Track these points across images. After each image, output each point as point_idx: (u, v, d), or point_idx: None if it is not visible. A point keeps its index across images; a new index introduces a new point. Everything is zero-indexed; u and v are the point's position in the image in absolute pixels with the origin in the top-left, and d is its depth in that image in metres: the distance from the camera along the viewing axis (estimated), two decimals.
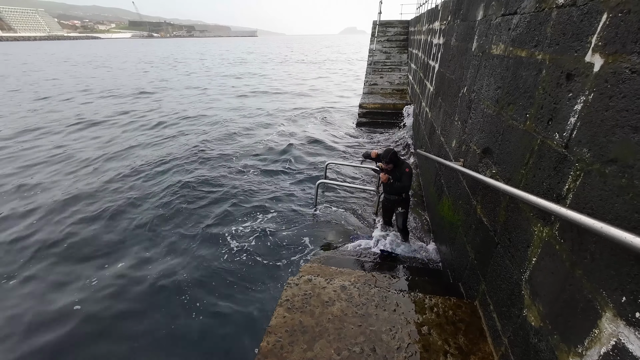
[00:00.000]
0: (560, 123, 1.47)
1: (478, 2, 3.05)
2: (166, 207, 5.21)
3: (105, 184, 6.10)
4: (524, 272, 1.66)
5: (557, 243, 1.40)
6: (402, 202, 3.77)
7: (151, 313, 3.25)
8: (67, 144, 8.78)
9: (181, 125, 10.56)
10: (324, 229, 4.54)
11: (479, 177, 2.12)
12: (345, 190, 5.61)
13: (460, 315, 2.20)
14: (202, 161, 7.29)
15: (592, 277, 1.16)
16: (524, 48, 1.95)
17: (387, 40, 13.03)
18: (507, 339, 1.78)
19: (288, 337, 2.00)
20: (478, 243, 2.40)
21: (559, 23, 1.58)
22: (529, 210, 1.68)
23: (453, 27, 4.20)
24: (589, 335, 1.14)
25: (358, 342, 1.98)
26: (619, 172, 1.09)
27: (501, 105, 2.22)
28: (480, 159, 2.54)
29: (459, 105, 3.45)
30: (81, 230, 4.68)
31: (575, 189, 1.32)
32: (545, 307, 1.45)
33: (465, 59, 3.34)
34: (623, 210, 1.06)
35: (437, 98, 4.94)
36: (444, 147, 3.94)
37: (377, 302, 2.29)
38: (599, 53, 1.25)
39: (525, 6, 1.99)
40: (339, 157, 7.54)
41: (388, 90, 11.41)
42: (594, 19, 1.30)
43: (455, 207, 3.16)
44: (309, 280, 2.48)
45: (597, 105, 1.24)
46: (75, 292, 3.55)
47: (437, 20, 5.68)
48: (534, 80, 1.79)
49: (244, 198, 5.53)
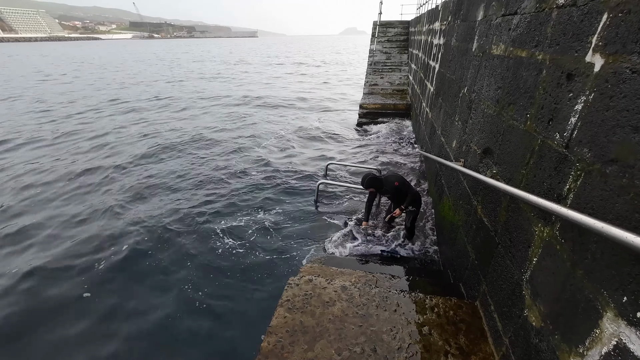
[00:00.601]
0: (561, 123, 1.47)
1: (478, 3, 3.05)
2: (164, 204, 5.23)
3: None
4: (525, 272, 1.66)
5: (557, 243, 1.40)
6: (413, 202, 3.76)
7: (150, 313, 3.26)
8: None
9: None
10: (325, 229, 4.53)
11: (480, 177, 2.12)
12: (345, 191, 5.61)
13: (461, 315, 2.20)
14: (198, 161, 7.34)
15: (593, 277, 1.16)
16: (525, 48, 1.95)
17: (388, 40, 13.04)
18: (508, 339, 1.78)
19: (289, 338, 2.00)
20: (479, 243, 2.40)
21: (559, 23, 1.58)
22: (529, 211, 1.68)
23: (453, 27, 4.21)
24: (590, 336, 1.14)
25: (359, 342, 1.98)
26: (620, 172, 1.09)
27: (501, 105, 2.22)
28: (481, 159, 2.54)
29: (459, 105, 3.45)
30: (72, 229, 4.70)
31: (576, 189, 1.32)
32: (546, 307, 1.44)
33: (466, 59, 3.34)
34: (624, 210, 1.06)
35: (438, 98, 4.94)
36: (445, 148, 3.94)
37: (377, 303, 2.28)
38: (599, 53, 1.25)
39: (525, 6, 1.99)
40: (340, 158, 7.54)
41: (388, 91, 11.39)
42: (594, 19, 1.30)
43: (456, 207, 3.15)
44: (310, 280, 2.48)
45: (597, 105, 1.24)
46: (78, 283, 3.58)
47: (438, 21, 5.68)
48: (534, 80, 1.79)
49: (243, 198, 5.52)
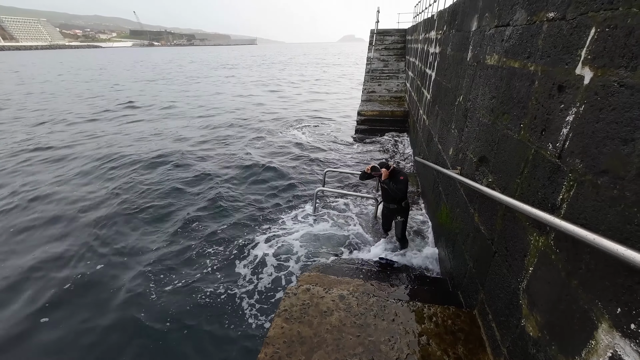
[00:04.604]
0: (554, 134, 1.50)
1: (472, 13, 3.11)
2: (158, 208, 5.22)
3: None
4: (522, 282, 1.66)
5: (552, 253, 1.41)
6: (401, 211, 3.77)
7: (145, 321, 3.22)
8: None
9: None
10: (323, 237, 4.52)
11: (476, 186, 2.13)
12: (343, 198, 5.61)
13: (460, 324, 2.19)
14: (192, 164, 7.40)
15: (587, 288, 1.17)
16: (517, 59, 1.98)
17: (385, 48, 13.21)
18: (506, 349, 1.77)
19: (286, 349, 1.98)
20: (476, 251, 2.40)
21: (549, 36, 1.61)
22: (525, 220, 1.69)
23: (449, 36, 4.28)
24: (586, 347, 1.14)
25: (356, 353, 1.96)
26: (611, 183, 1.11)
27: (496, 114, 2.25)
28: (477, 167, 2.56)
29: (455, 113, 3.49)
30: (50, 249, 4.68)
31: (569, 199, 1.33)
32: (542, 317, 1.44)
33: (461, 68, 3.39)
34: (616, 221, 1.07)
35: (434, 106, 4.99)
36: (442, 155, 3.96)
37: (375, 312, 2.27)
38: (588, 66, 1.28)
39: (517, 18, 2.04)
40: (338, 165, 7.56)
41: (386, 98, 11.49)
42: (583, 33, 1.33)
43: (453, 214, 3.16)
44: (308, 289, 2.47)
45: (588, 117, 1.26)
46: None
47: (433, 30, 5.77)
48: (527, 90, 1.82)
49: (241, 205, 5.52)
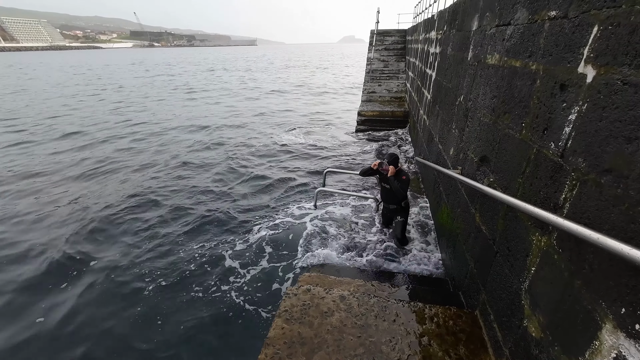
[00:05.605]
0: (556, 133, 1.49)
1: (473, 13, 3.11)
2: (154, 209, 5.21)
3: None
4: (524, 282, 1.65)
5: (555, 252, 1.40)
6: (401, 211, 3.76)
7: (148, 320, 3.21)
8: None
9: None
10: (323, 236, 4.51)
11: (477, 186, 2.12)
12: (344, 198, 5.60)
13: (461, 325, 2.18)
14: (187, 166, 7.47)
15: (591, 288, 1.16)
16: (518, 58, 1.97)
17: (385, 48, 13.21)
18: (508, 350, 1.76)
19: (287, 349, 1.97)
20: (477, 252, 2.39)
21: (551, 34, 1.60)
22: (527, 219, 1.68)
23: (449, 36, 4.27)
24: (589, 348, 1.13)
25: (357, 353, 1.95)
26: (614, 182, 1.10)
27: (497, 114, 2.24)
28: (478, 167, 2.55)
29: (456, 113, 3.48)
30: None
31: (572, 199, 1.32)
32: (545, 318, 1.43)
33: (462, 68, 3.38)
34: (619, 220, 1.06)
35: (435, 106, 4.98)
36: (442, 155, 3.95)
37: (376, 313, 2.26)
38: (591, 64, 1.27)
39: (518, 17, 2.03)
40: (338, 165, 7.55)
41: (386, 98, 11.48)
42: (585, 31, 1.32)
43: (454, 214, 3.15)
44: (308, 290, 2.46)
45: (590, 116, 1.25)
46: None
47: (434, 30, 5.77)
48: (528, 90, 1.81)
49: (240, 205, 5.51)
